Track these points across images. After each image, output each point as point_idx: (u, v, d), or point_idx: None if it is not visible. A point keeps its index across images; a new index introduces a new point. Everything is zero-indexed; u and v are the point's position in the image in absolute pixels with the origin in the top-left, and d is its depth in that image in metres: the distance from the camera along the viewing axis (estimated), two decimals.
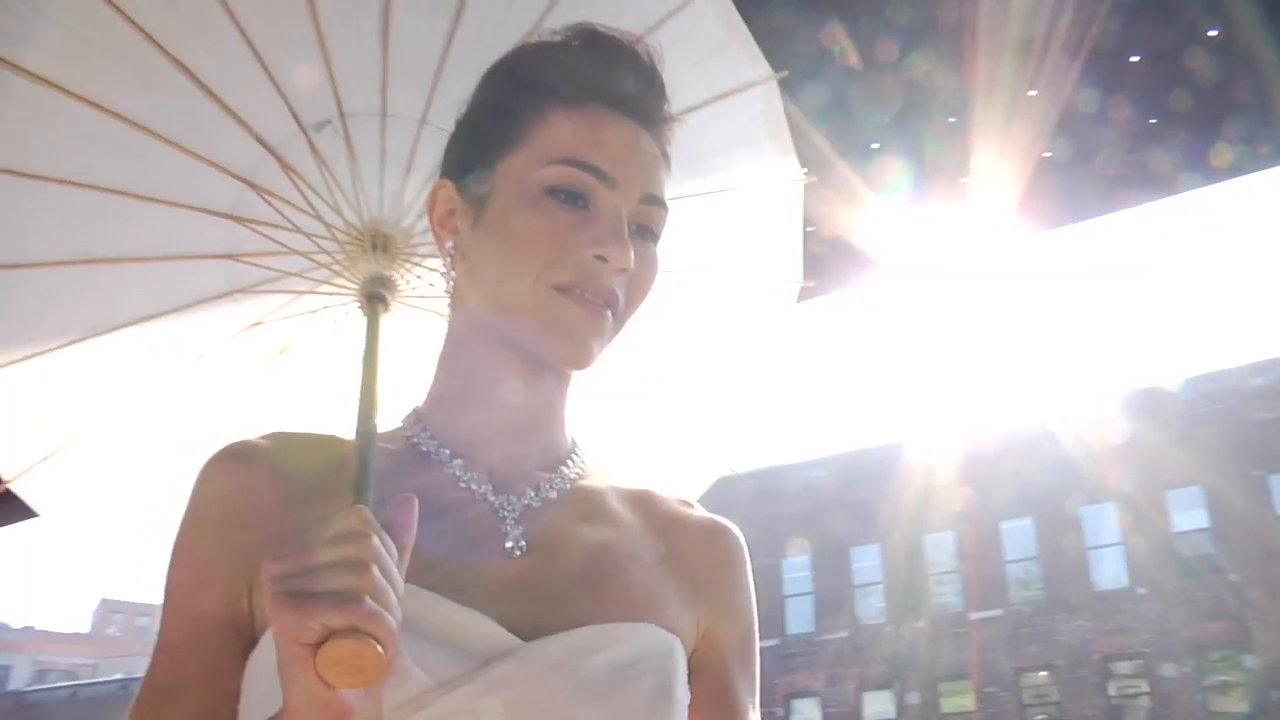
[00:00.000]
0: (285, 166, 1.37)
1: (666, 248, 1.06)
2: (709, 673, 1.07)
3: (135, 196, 1.38)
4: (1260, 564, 24.23)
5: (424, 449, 1.05)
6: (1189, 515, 25.42)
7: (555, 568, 1.02)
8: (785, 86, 1.49)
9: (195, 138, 1.36)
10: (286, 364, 1.54)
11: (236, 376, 1.53)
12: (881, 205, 2.93)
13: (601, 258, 0.98)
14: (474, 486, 1.04)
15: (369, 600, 0.75)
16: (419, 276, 1.40)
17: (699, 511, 1.16)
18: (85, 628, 70.80)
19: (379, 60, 1.35)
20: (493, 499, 1.04)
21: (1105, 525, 26.29)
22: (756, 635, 1.14)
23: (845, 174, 2.89)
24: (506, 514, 1.03)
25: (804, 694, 29.04)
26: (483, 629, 0.94)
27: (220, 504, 1.00)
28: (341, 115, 1.37)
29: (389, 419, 1.10)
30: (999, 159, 2.87)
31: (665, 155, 1.07)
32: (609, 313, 1.01)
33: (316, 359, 1.53)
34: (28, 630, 67.35)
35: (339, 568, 0.77)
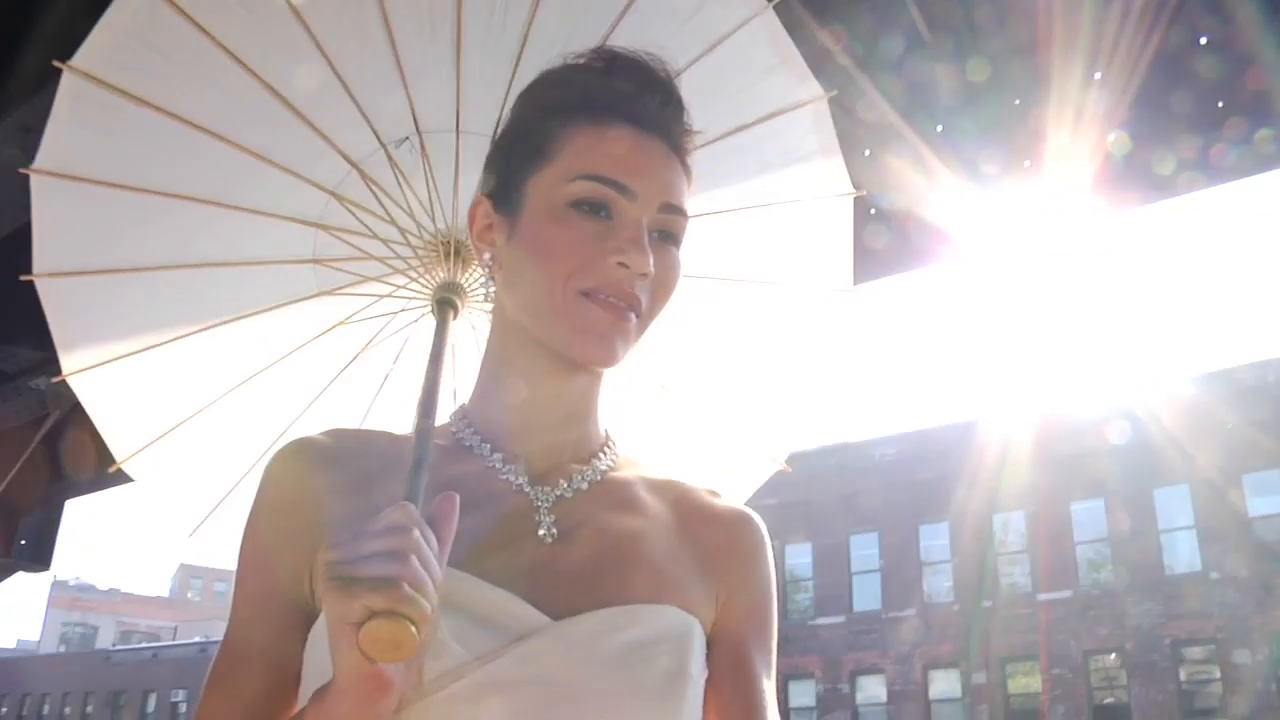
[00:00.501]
0: (367, 179, 1.48)
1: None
2: (726, 647, 1.14)
3: (233, 208, 1.51)
4: None
5: (467, 444, 1.16)
6: (1266, 500, 24.97)
7: (583, 553, 1.10)
8: (842, 100, 1.56)
9: (288, 155, 1.48)
10: (365, 362, 1.65)
11: (320, 373, 1.64)
12: (956, 185, 2.96)
13: (624, 265, 1.07)
14: (512, 478, 1.13)
15: (406, 586, 0.85)
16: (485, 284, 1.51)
17: (724, 501, 1.25)
18: (165, 592, 72.41)
19: (453, 81, 1.46)
20: (528, 490, 1.13)
21: (1179, 508, 25.88)
22: (775, 615, 1.21)
23: (918, 152, 2.95)
24: (540, 503, 1.12)
25: (870, 671, 29.00)
26: (515, 609, 1.02)
27: (284, 493, 1.11)
28: (419, 132, 1.48)
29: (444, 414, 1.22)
30: (1069, 141, 2.90)
31: (686, 166, 1.15)
32: (632, 315, 1.10)
33: (392, 360, 1.64)
34: (112, 593, 69.07)
35: (383, 557, 0.87)
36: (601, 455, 1.20)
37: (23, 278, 1.49)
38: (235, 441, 1.65)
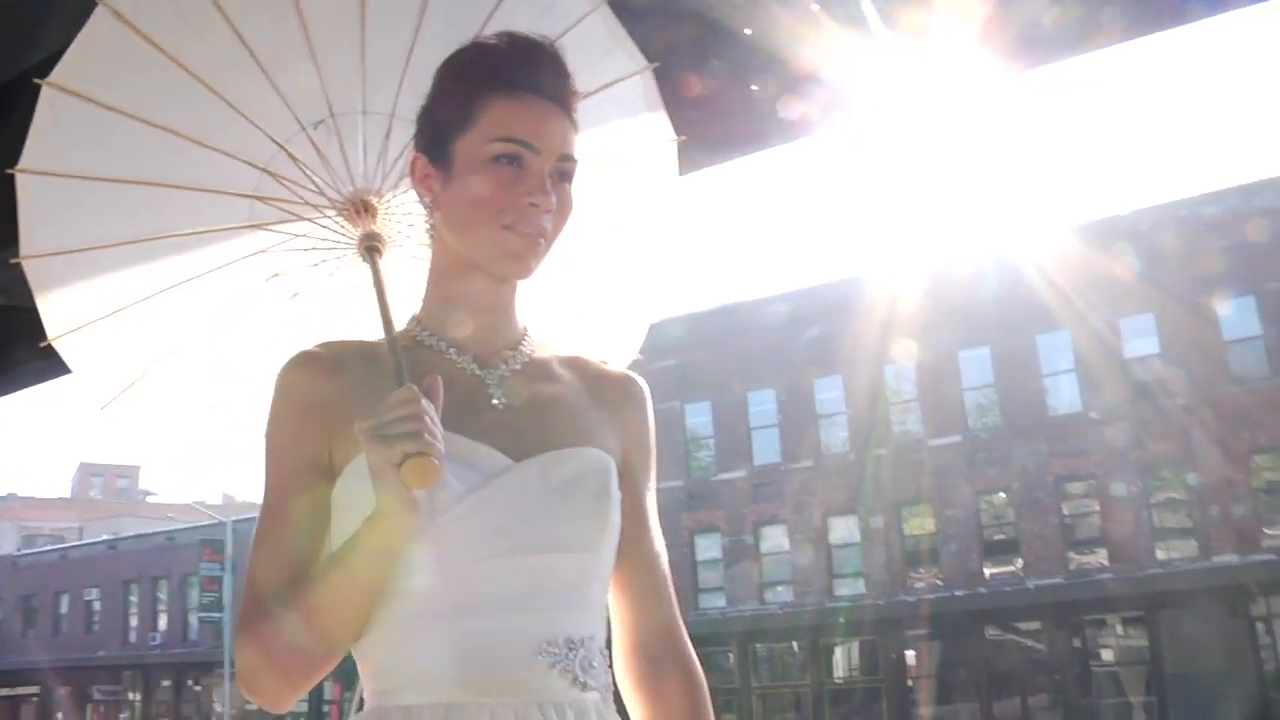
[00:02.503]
0: (292, 157, 1.82)
1: (577, 189, 1.53)
2: (626, 475, 1.54)
3: (182, 187, 1.85)
4: (1207, 387, 24.97)
5: (427, 343, 1.51)
6: (1141, 342, 26.06)
7: (527, 414, 1.47)
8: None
9: (227, 140, 1.80)
10: (298, 303, 1.99)
11: (260, 314, 1.99)
12: (847, 42, 3.06)
13: (534, 204, 1.43)
14: (465, 365, 1.49)
15: (427, 435, 1.25)
16: (398, 230, 1.85)
17: (613, 367, 1.64)
18: (66, 493, 71.24)
19: (359, 70, 1.80)
20: (479, 372, 1.49)
21: (1060, 353, 26.95)
22: (654, 449, 1.63)
23: (808, 11, 3.04)
24: (490, 381, 1.49)
25: (771, 521, 30.09)
26: (489, 455, 1.40)
27: (301, 390, 1.45)
28: (332, 115, 1.82)
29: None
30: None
31: (574, 123, 1.52)
32: (541, 240, 1.46)
33: (321, 299, 1.99)
34: (10, 497, 67.66)
35: (408, 419, 1.25)
36: (525, 343, 1.56)
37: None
38: (158, 337, 1.98)
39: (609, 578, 1.49)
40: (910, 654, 28.39)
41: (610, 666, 1.47)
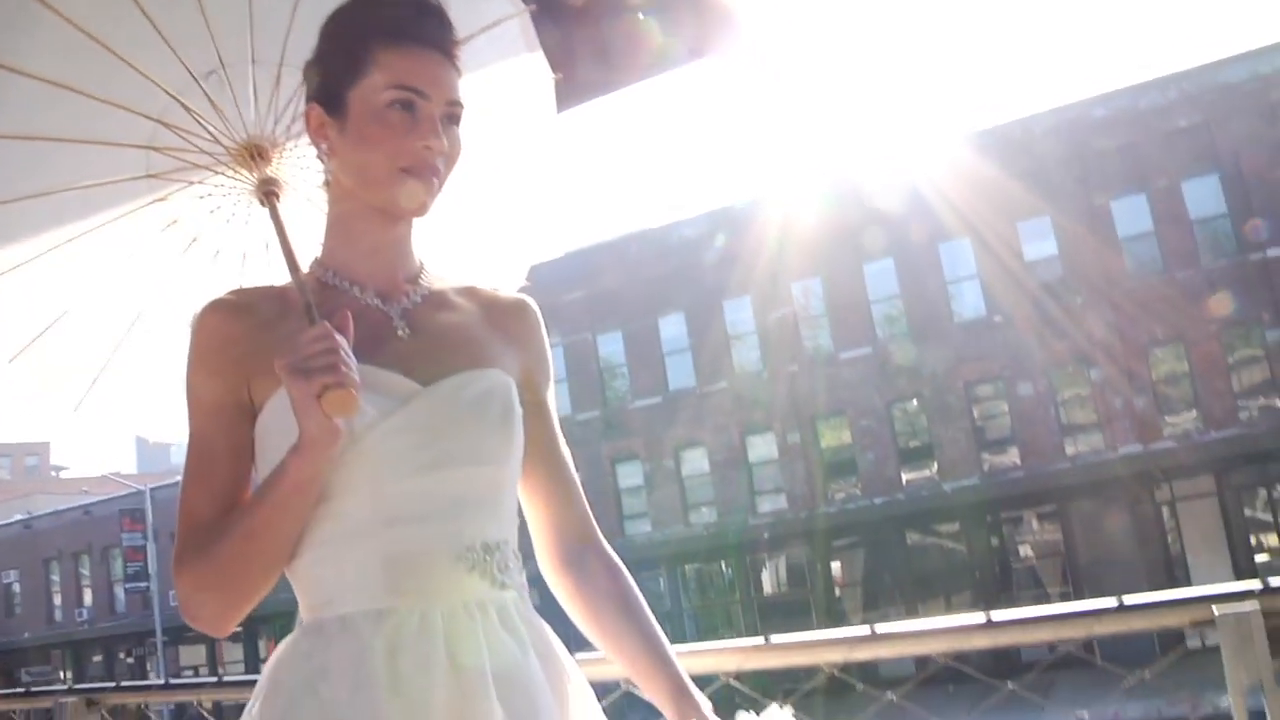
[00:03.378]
0: (185, 107, 1.84)
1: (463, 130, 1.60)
2: (528, 394, 1.63)
3: (73, 141, 1.86)
4: (1104, 285, 25.67)
5: (331, 283, 1.58)
6: (1038, 245, 26.71)
7: (431, 342, 1.55)
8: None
9: (116, 93, 1.82)
10: (198, 250, 2.02)
11: (159, 263, 2.01)
12: None
13: (428, 147, 1.50)
14: (369, 300, 1.56)
15: (343, 367, 1.34)
16: (293, 174, 1.89)
17: (506, 293, 1.73)
18: None
19: (247, 21, 1.84)
20: (383, 307, 1.56)
21: (962, 260, 27.54)
22: (552, 366, 1.73)
23: None
24: (393, 314, 1.56)
25: (690, 445, 30.42)
26: (399, 382, 1.48)
27: (215, 334, 1.52)
28: (223, 65, 1.85)
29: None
30: None
31: (458, 70, 1.60)
32: (435, 180, 1.53)
33: (224, 247, 2.02)
34: None
35: (325, 353, 1.35)
36: (423, 276, 1.63)
37: None
38: (61, 292, 1.99)
39: (515, 490, 1.59)
40: (836, 564, 29.09)
41: (524, 569, 1.58)
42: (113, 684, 2.93)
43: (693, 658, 2.20)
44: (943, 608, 26.98)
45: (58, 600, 43.95)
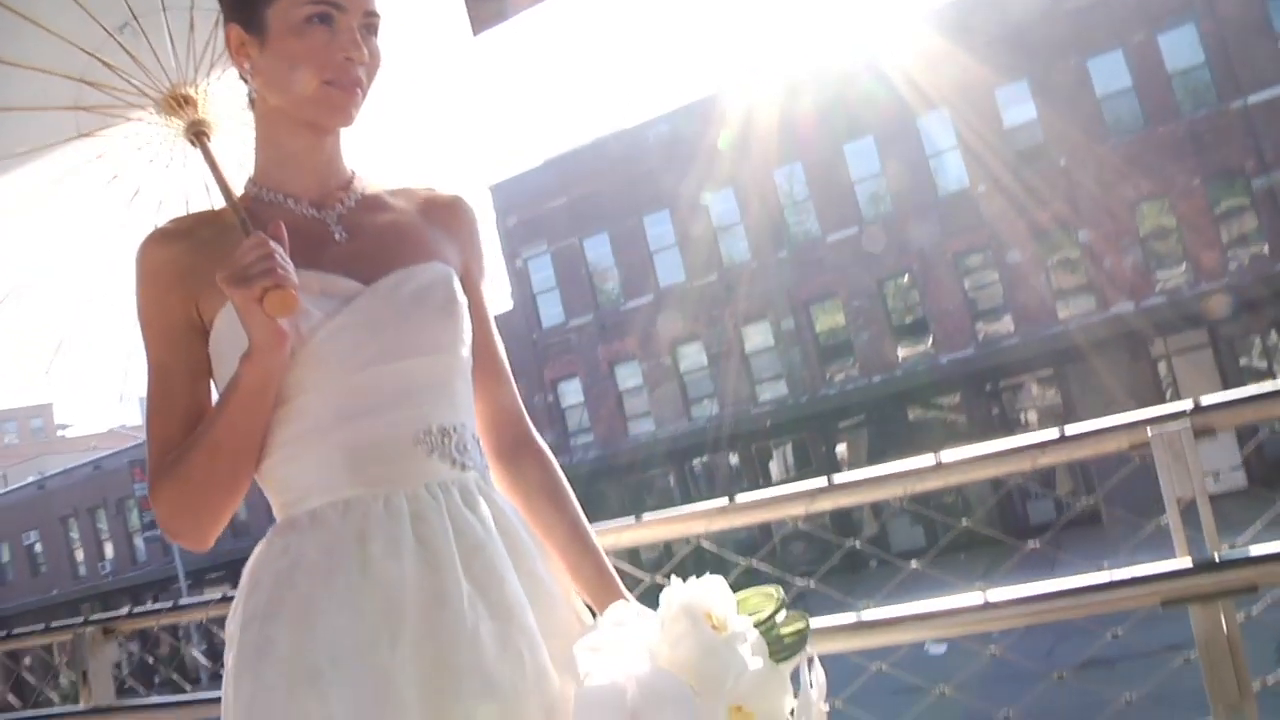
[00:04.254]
0: (105, 64, 1.86)
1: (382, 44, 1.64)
2: (467, 286, 1.67)
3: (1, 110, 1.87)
4: (1086, 145, 25.52)
5: (267, 199, 1.62)
6: (1017, 110, 26.49)
7: (368, 242, 1.60)
8: None
9: (41, 57, 1.83)
10: (142, 202, 2.04)
11: (110, 218, 2.04)
12: None
13: (349, 58, 1.54)
14: (304, 211, 1.61)
15: (280, 270, 1.40)
16: (221, 111, 1.90)
17: (441, 191, 1.77)
18: None
19: None
20: (318, 215, 1.61)
21: (942, 131, 27.27)
22: (488, 261, 1.78)
23: None
24: (329, 220, 1.61)
25: (686, 340, 30.50)
26: (341, 283, 1.54)
27: (157, 261, 1.57)
28: (135, 17, 1.86)
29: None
30: None
31: None
32: (359, 90, 1.57)
33: (160, 196, 2.04)
34: None
35: (261, 259, 1.40)
36: (355, 182, 1.68)
37: None
38: (13, 262, 2.03)
39: (470, 375, 1.64)
40: (840, 446, 29.30)
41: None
42: (125, 612, 3.05)
43: (665, 525, 2.30)
44: None
45: (80, 556, 44.44)
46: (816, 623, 1.72)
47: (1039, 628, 2.07)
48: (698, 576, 1.42)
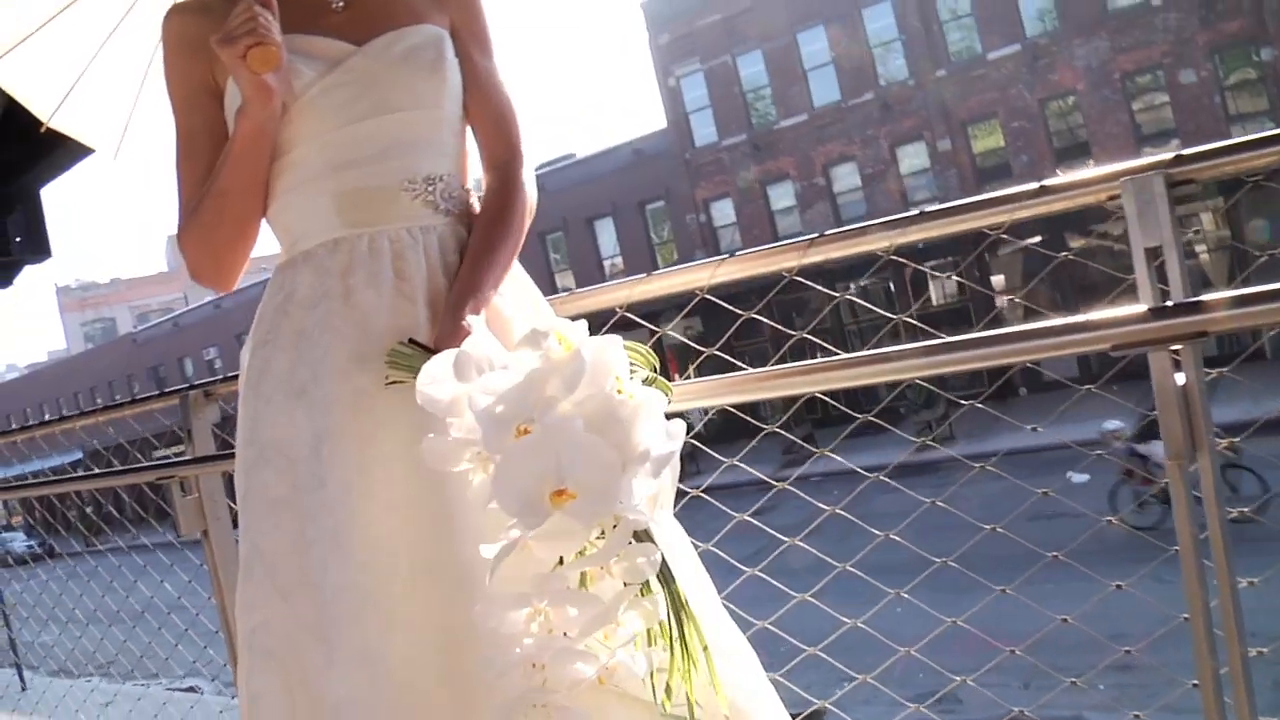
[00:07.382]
0: None
1: None
2: (460, 45, 1.77)
3: None
4: None
5: None
6: None
7: (365, 9, 1.70)
8: None
9: None
10: None
11: None
12: None
13: None
14: None
15: (261, 29, 1.52)
16: None
17: None
18: (164, 266, 72.80)
19: None
20: None
21: None
22: (485, 22, 1.82)
23: None
24: None
25: (840, 161, 30.08)
26: (335, 46, 1.66)
27: (177, 33, 1.72)
28: None
29: None
30: None
31: None
32: None
33: None
34: (115, 283, 69.60)
35: (245, 21, 1.52)
36: None
37: None
38: (80, 44, 2.15)
39: (461, 128, 1.76)
40: (998, 278, 28.81)
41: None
42: (221, 377, 3.25)
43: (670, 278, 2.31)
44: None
45: None
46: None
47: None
48: None
